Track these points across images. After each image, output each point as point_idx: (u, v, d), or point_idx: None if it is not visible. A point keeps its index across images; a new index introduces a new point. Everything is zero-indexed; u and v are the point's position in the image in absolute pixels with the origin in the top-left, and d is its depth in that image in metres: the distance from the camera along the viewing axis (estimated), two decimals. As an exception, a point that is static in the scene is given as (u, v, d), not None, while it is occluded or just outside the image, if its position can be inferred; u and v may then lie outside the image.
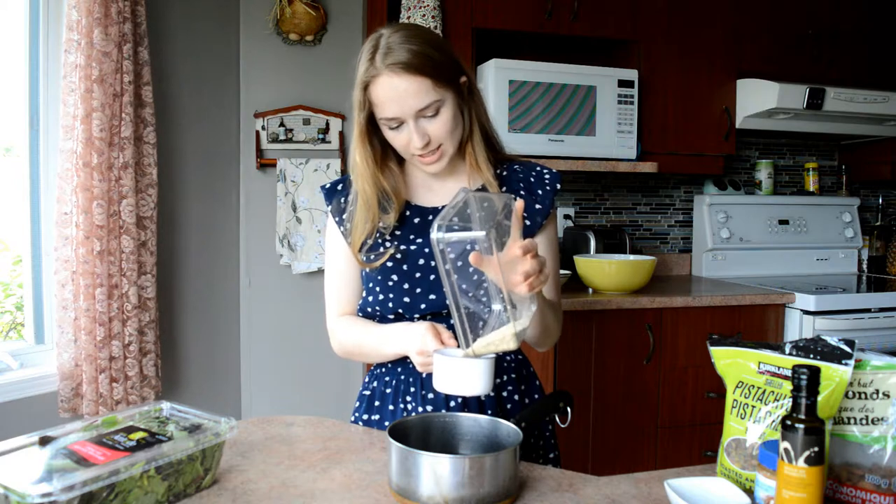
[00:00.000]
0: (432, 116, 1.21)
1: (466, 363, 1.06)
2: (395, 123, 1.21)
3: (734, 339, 1.05)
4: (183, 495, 0.96)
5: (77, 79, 2.11)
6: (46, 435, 0.95)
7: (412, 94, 1.18)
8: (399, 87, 1.17)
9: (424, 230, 1.29)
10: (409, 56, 1.17)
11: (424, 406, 1.28)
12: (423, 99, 1.18)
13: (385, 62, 1.17)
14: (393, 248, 1.27)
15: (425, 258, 1.26)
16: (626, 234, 3.03)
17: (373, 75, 1.19)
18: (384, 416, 1.32)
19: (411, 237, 1.29)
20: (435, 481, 0.91)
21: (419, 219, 1.31)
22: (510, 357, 1.34)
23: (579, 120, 2.74)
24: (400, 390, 1.31)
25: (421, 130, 1.20)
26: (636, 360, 2.61)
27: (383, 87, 1.18)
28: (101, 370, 2.19)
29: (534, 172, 1.35)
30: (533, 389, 1.37)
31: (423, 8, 2.59)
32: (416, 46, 1.18)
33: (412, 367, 1.29)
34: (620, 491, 1.00)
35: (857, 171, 3.54)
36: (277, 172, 2.76)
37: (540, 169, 1.36)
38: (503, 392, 1.32)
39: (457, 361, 1.07)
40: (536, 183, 1.33)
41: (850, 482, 0.94)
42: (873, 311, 2.74)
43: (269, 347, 2.84)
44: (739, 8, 2.98)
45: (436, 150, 1.24)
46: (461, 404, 1.27)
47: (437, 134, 1.22)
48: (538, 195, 1.32)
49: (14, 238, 2.33)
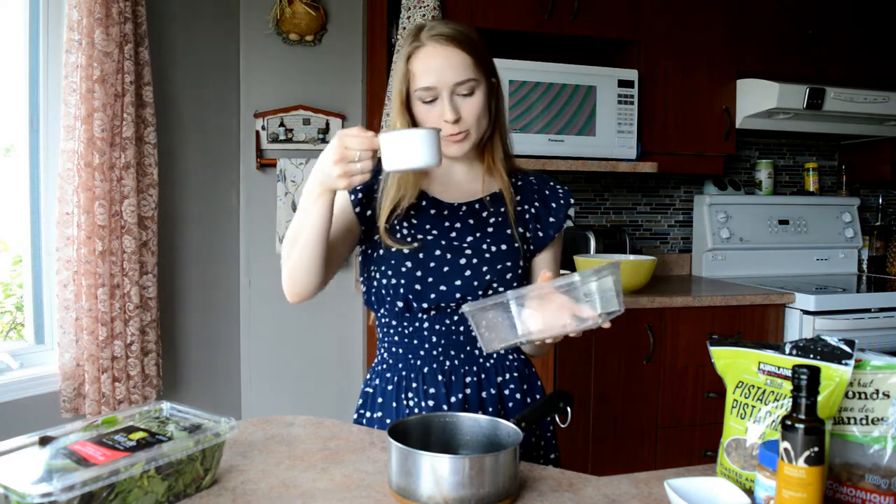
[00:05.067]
0: (466, 95, 1.24)
1: (411, 133, 1.11)
2: (429, 96, 1.24)
3: (734, 339, 1.05)
4: (183, 495, 0.96)
5: (78, 79, 2.11)
6: (46, 435, 0.95)
7: (452, 66, 1.23)
8: (441, 55, 1.23)
9: (440, 222, 1.30)
10: (452, 31, 1.24)
11: (426, 401, 1.28)
12: (461, 72, 1.23)
13: (430, 34, 1.24)
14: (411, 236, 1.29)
15: (441, 249, 1.28)
16: (626, 234, 3.03)
17: (416, 47, 1.25)
18: (386, 414, 1.32)
19: (427, 227, 1.30)
20: (435, 481, 0.92)
21: (435, 210, 1.32)
22: (513, 356, 1.35)
23: (579, 120, 2.74)
24: (402, 387, 1.31)
25: (454, 105, 1.24)
26: (636, 360, 2.61)
27: (426, 55, 1.24)
28: (104, 370, 2.19)
29: (548, 186, 1.39)
30: (535, 389, 1.37)
31: (423, 8, 2.59)
32: (460, 27, 1.26)
33: (413, 362, 1.30)
34: (620, 491, 1.00)
35: (857, 171, 3.54)
36: (277, 172, 2.76)
37: (553, 184, 1.40)
38: (505, 391, 1.32)
39: (402, 133, 1.12)
40: (551, 196, 1.37)
41: (850, 482, 0.94)
42: (873, 311, 2.73)
43: (269, 347, 2.84)
44: (739, 8, 2.98)
45: (463, 133, 1.26)
46: (461, 400, 1.28)
47: (467, 114, 1.25)
48: (552, 208, 1.36)
49: (14, 238, 2.33)
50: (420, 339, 1.30)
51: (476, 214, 1.32)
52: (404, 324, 1.31)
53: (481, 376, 1.30)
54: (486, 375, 1.30)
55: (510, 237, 1.30)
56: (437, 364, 1.29)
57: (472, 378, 1.29)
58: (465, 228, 1.30)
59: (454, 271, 1.26)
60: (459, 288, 1.25)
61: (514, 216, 1.32)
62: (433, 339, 1.29)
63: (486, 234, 1.30)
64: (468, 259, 1.27)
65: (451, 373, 1.29)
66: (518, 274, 1.29)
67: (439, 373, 1.29)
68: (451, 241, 1.29)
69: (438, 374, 1.29)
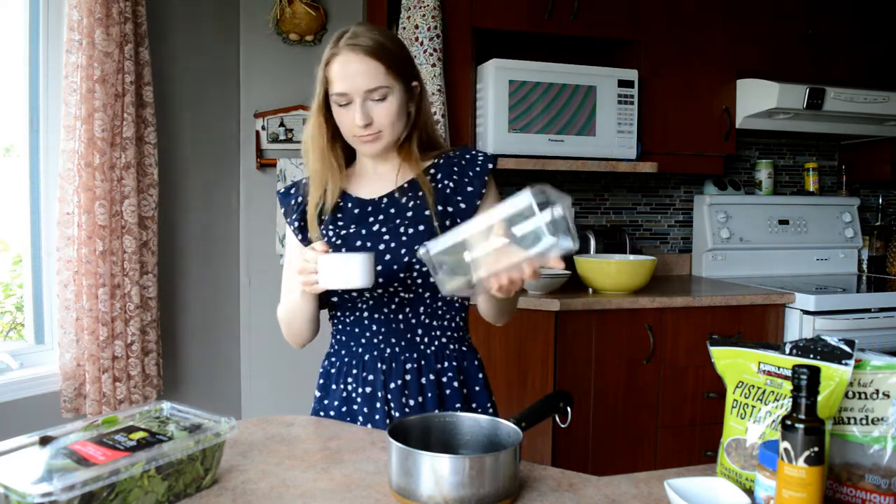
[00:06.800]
0: (379, 100, 1.30)
1: (347, 256, 1.19)
2: (344, 100, 1.30)
3: (734, 339, 1.05)
4: (183, 495, 0.96)
5: (79, 79, 2.11)
6: (47, 435, 0.95)
7: (363, 73, 1.28)
8: (352, 65, 1.28)
9: (364, 218, 1.36)
10: (367, 41, 1.29)
11: (364, 388, 1.35)
12: (372, 80, 1.28)
13: (346, 43, 1.30)
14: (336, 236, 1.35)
15: (361, 240, 1.33)
16: (626, 234, 3.03)
17: (333, 53, 1.31)
18: (326, 395, 1.41)
19: (352, 225, 1.36)
20: (435, 481, 0.92)
21: (358, 209, 1.38)
22: (454, 346, 1.38)
23: (579, 120, 2.74)
24: (342, 372, 1.38)
25: (365, 111, 1.29)
26: (636, 360, 2.61)
27: (341, 63, 1.29)
28: (104, 370, 2.19)
29: (467, 156, 1.40)
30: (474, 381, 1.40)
31: (423, 8, 2.59)
32: (377, 36, 1.31)
33: (355, 349, 1.37)
34: (620, 491, 1.00)
35: (857, 171, 3.54)
36: (277, 172, 2.76)
37: (475, 153, 1.41)
38: (443, 378, 1.36)
39: (338, 256, 1.19)
40: (468, 166, 1.38)
41: (850, 482, 0.94)
42: (873, 311, 2.74)
43: (269, 347, 2.84)
44: (739, 8, 2.98)
45: (375, 134, 1.31)
46: (401, 387, 1.33)
47: (379, 118, 1.30)
48: (469, 177, 1.37)
49: (14, 238, 2.33)
50: (361, 328, 1.36)
51: (396, 203, 1.37)
52: (346, 313, 1.38)
53: (421, 363, 1.34)
54: (426, 362, 1.35)
55: (428, 217, 1.33)
56: (378, 351, 1.35)
57: (412, 364, 1.34)
58: (386, 219, 1.36)
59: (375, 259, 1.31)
60: (381, 273, 1.30)
61: (432, 197, 1.34)
62: (373, 327, 1.35)
63: (404, 218, 1.34)
64: (386, 244, 1.32)
65: (391, 360, 1.34)
66: None
67: (379, 360, 1.34)
68: (371, 230, 1.34)
69: (378, 361, 1.34)
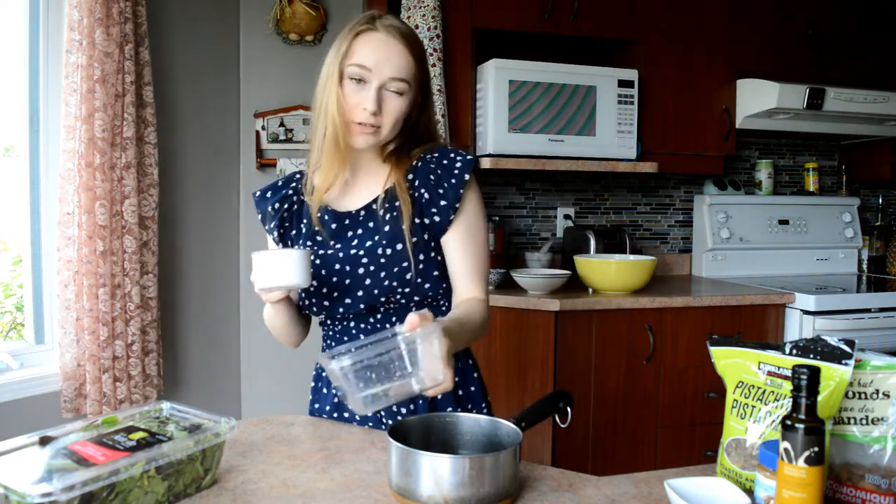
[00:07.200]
0: (394, 93, 1.25)
1: (280, 253, 1.14)
2: (360, 75, 1.23)
3: (734, 339, 1.05)
4: (183, 495, 0.96)
5: (79, 79, 2.11)
6: (46, 435, 0.95)
7: (394, 60, 1.23)
8: (388, 48, 1.23)
9: (343, 233, 1.32)
10: (408, 30, 1.27)
11: None
12: (400, 69, 1.24)
13: (385, 24, 1.25)
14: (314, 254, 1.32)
15: (340, 263, 1.30)
16: (626, 234, 3.03)
17: (369, 28, 1.25)
18: (318, 399, 1.45)
19: (330, 242, 1.33)
20: (435, 481, 0.92)
21: (336, 224, 1.33)
22: None
23: (579, 120, 2.74)
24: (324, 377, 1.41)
25: (379, 98, 1.23)
26: (636, 360, 2.61)
27: (376, 40, 1.24)
28: (105, 370, 2.19)
29: (445, 161, 1.31)
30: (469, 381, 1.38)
31: (423, 8, 2.59)
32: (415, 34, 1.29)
33: None
34: (620, 491, 1.00)
35: (857, 171, 3.54)
36: (277, 172, 2.76)
37: (452, 157, 1.32)
38: None
39: (270, 253, 1.15)
40: (444, 174, 1.30)
41: (850, 482, 0.94)
42: (873, 311, 2.73)
43: (269, 347, 2.83)
44: (739, 8, 2.98)
45: (375, 126, 1.25)
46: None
47: (387, 112, 1.25)
48: (444, 187, 1.29)
49: (14, 238, 2.33)
50: (350, 336, 1.36)
51: (373, 216, 1.31)
52: (334, 324, 1.37)
53: None
54: None
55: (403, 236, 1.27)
56: None
57: None
58: (364, 234, 1.31)
59: (355, 283, 1.28)
60: (363, 298, 1.28)
61: (408, 209, 1.27)
62: (361, 336, 1.33)
63: (382, 234, 1.28)
64: (365, 268, 1.28)
65: None
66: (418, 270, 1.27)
67: None
68: (349, 252, 1.30)
69: None
